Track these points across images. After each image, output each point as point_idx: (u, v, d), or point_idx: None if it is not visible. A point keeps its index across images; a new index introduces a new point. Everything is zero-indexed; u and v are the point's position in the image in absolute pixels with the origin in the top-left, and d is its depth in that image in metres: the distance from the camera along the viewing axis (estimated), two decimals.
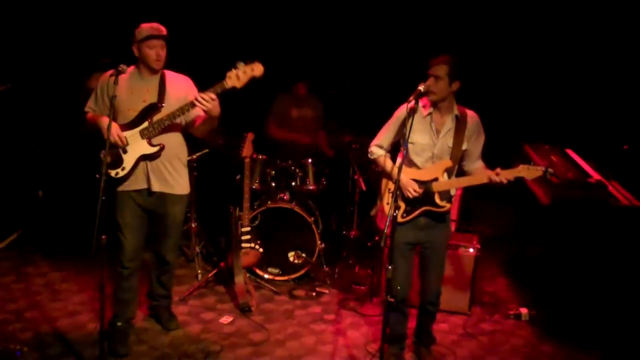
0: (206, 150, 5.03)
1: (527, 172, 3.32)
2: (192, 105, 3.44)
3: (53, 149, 5.65)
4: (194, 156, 4.95)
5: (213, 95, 3.40)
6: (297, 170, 5.04)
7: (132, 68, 3.60)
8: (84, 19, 5.54)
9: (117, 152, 3.55)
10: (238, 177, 5.04)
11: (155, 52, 3.50)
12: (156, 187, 3.65)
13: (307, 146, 5.38)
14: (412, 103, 3.24)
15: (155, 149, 3.57)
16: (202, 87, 3.46)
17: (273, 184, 5.02)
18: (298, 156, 5.13)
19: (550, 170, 3.30)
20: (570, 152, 4.98)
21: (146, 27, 3.51)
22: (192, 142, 3.99)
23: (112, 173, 3.56)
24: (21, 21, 5.63)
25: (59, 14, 5.66)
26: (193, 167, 5.00)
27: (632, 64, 5.41)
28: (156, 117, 3.55)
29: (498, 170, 3.33)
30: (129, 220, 3.67)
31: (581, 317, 4.23)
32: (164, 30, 3.54)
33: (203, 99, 3.39)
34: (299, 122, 5.45)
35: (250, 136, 4.57)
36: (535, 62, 5.84)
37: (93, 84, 4.06)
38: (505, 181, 3.32)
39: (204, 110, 3.46)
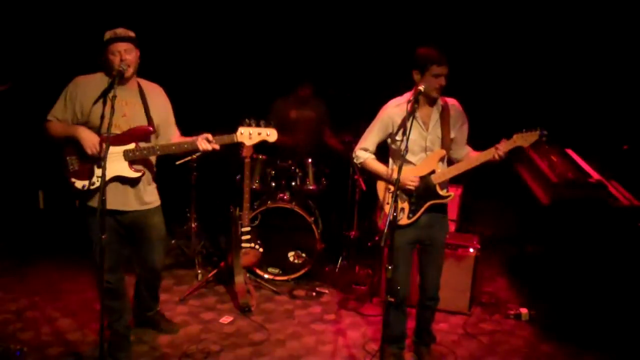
0: None
1: (522, 139, 3.33)
2: (194, 147, 3.34)
3: (53, 149, 5.65)
4: (194, 156, 4.95)
5: (217, 147, 3.35)
6: (297, 170, 5.05)
7: (99, 74, 3.39)
8: (84, 18, 5.54)
9: (90, 164, 3.34)
10: (238, 177, 5.05)
11: (119, 57, 3.26)
12: (133, 206, 3.48)
13: (308, 148, 5.36)
14: (412, 102, 3.25)
15: (136, 175, 3.40)
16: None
17: (273, 184, 5.02)
18: (298, 156, 5.13)
19: (544, 132, 3.30)
20: (570, 152, 4.98)
21: (108, 32, 3.30)
22: None
23: (79, 185, 3.35)
24: (21, 21, 5.63)
25: (59, 14, 5.66)
26: (193, 167, 5.01)
27: (632, 64, 5.41)
28: (144, 144, 3.38)
29: (502, 142, 3.35)
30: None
31: (581, 317, 4.23)
32: (129, 34, 3.32)
33: (205, 149, 3.32)
34: (299, 124, 5.43)
35: None
36: (535, 62, 5.83)
37: None
38: (502, 155, 3.32)
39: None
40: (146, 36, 3.47)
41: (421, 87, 3.26)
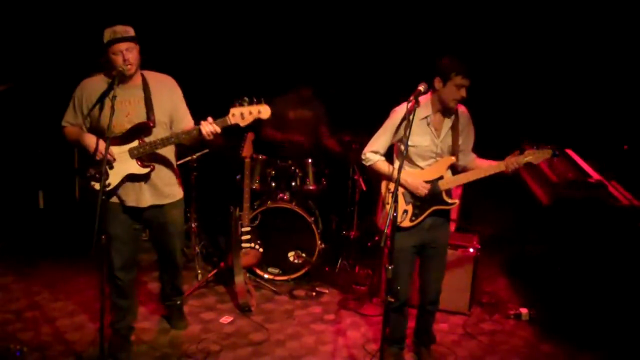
0: (206, 150, 5.03)
1: (534, 156, 3.34)
2: (198, 134, 3.29)
3: (53, 149, 5.65)
4: (194, 156, 4.95)
5: (219, 130, 3.28)
6: (297, 170, 5.04)
7: (101, 75, 3.39)
8: (84, 18, 5.54)
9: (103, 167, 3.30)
10: (238, 177, 5.05)
11: (122, 57, 3.23)
12: (149, 202, 3.49)
13: (304, 145, 5.35)
14: (412, 103, 3.24)
15: (145, 170, 3.40)
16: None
17: (273, 184, 5.02)
18: (298, 156, 5.13)
19: (557, 152, 3.31)
20: (570, 152, 4.98)
21: (108, 32, 3.24)
22: None
23: (97, 186, 3.34)
24: (21, 21, 5.63)
25: (59, 14, 5.66)
26: (193, 167, 5.00)
27: (632, 64, 5.41)
28: (148, 138, 3.37)
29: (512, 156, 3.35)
30: (119, 232, 3.47)
31: (581, 317, 4.23)
32: (129, 32, 3.28)
33: (208, 132, 3.27)
34: (297, 123, 5.43)
35: (250, 136, 4.57)
36: (535, 62, 5.84)
37: None
38: (512, 170, 3.33)
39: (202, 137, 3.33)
40: (145, 36, 3.47)
41: (421, 87, 3.24)
